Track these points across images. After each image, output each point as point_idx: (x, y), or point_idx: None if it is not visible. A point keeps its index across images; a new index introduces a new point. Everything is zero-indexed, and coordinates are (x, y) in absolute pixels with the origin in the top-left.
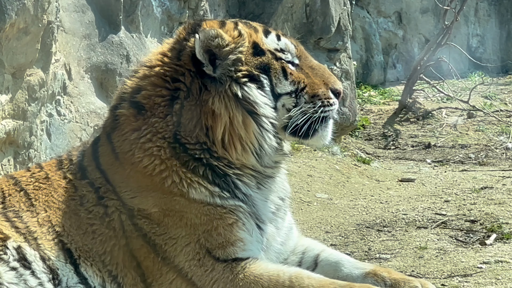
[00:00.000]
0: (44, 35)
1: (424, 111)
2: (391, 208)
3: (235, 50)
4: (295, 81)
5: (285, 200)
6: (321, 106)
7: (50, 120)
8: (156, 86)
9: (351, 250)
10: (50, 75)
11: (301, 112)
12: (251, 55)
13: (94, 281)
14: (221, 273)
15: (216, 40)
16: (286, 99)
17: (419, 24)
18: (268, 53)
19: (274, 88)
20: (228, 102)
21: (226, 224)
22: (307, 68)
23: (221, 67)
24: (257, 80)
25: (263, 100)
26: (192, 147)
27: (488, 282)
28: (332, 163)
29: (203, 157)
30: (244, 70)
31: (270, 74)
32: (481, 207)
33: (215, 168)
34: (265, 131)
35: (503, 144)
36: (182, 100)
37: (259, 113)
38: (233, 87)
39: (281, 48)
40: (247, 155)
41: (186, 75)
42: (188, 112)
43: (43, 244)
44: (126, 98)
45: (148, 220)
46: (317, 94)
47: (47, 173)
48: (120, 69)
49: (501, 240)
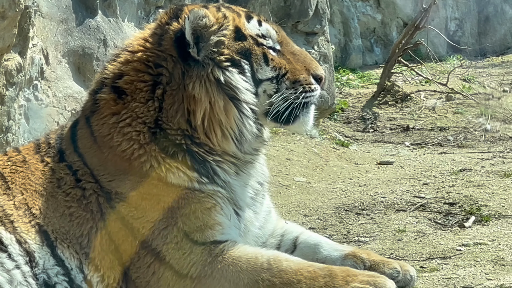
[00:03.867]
0: (21, 20)
1: (402, 94)
2: (369, 191)
3: (219, 31)
4: (276, 67)
5: (264, 185)
6: (302, 92)
7: (28, 104)
8: (139, 71)
9: (330, 233)
10: (28, 59)
11: (282, 98)
12: (233, 39)
13: (71, 263)
14: (199, 256)
15: (204, 20)
16: (267, 85)
17: (397, 8)
18: (249, 39)
19: (255, 74)
20: (209, 87)
21: (204, 208)
22: (288, 54)
23: (205, 49)
24: (239, 65)
25: (245, 86)
26: (173, 132)
27: (467, 264)
28: (311, 147)
29: (184, 143)
30: (227, 54)
31: (251, 59)
32: (460, 189)
33: (195, 155)
34: (245, 117)
35: (482, 126)
36: (164, 86)
37: (240, 99)
38: (215, 72)
39: (263, 33)
40: (227, 141)
41: (169, 60)
42: (170, 97)
43: (20, 227)
44: (107, 83)
45: (125, 203)
46: (299, 80)
47: (25, 156)
48: (98, 54)
49: (480, 223)
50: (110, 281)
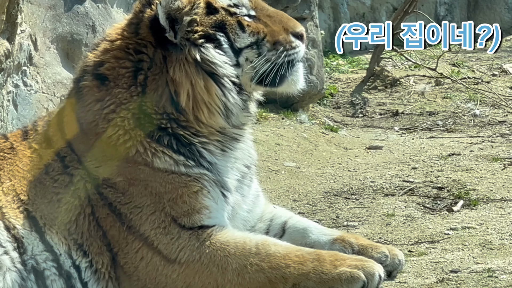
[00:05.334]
0: (9, 6)
1: (392, 79)
2: (358, 176)
3: (191, 11)
4: (253, 31)
5: (251, 167)
6: (283, 51)
7: (16, 90)
8: (119, 59)
9: (319, 218)
10: (16, 45)
11: (264, 60)
12: (205, 15)
13: (60, 249)
14: (187, 240)
15: (176, 3)
16: (248, 52)
17: None
18: (221, 10)
19: (233, 44)
20: (188, 69)
21: (191, 192)
22: (264, 17)
23: (180, 31)
24: (214, 39)
25: (222, 59)
26: (158, 117)
27: (455, 248)
28: (300, 132)
29: (169, 127)
30: (200, 31)
31: (226, 30)
32: (448, 174)
33: (180, 138)
34: (227, 90)
35: (471, 111)
36: (146, 71)
37: (219, 74)
38: (191, 52)
39: (234, 3)
40: (215, 117)
41: (148, 46)
42: (153, 82)
43: (8, 213)
44: (89, 70)
45: (113, 189)
46: (278, 40)
47: (12, 143)
48: (86, 40)
49: (468, 207)
50: (99, 266)
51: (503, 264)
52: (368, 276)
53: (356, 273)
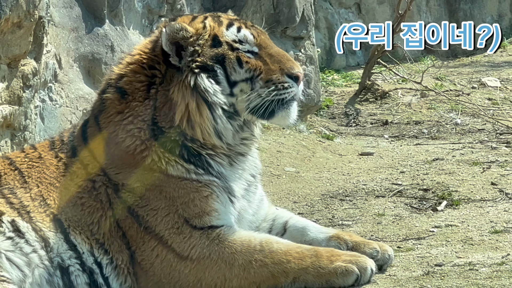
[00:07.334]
0: (36, 28)
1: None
2: (352, 180)
3: (195, 42)
4: (251, 68)
5: (256, 177)
6: (274, 89)
7: (43, 105)
8: (136, 72)
9: (316, 218)
10: (42, 64)
11: (256, 95)
12: (209, 47)
13: (83, 248)
14: (198, 239)
15: (181, 33)
16: (243, 85)
17: (376, 14)
18: (225, 45)
19: (229, 77)
20: (185, 91)
21: (201, 196)
22: (266, 56)
23: (185, 57)
24: (210, 70)
25: (214, 88)
26: (167, 130)
27: (439, 244)
28: (299, 140)
29: (179, 139)
30: (199, 62)
31: (224, 64)
32: (433, 177)
33: (190, 149)
34: (217, 115)
35: (453, 120)
36: (158, 86)
37: (209, 100)
38: (188, 77)
39: (239, 39)
40: (209, 137)
41: (161, 63)
42: (163, 97)
43: (35, 217)
44: (112, 84)
45: (131, 193)
46: (271, 79)
47: (40, 153)
48: (106, 59)
49: (451, 207)
50: (119, 262)
51: (482, 258)
52: (361, 270)
53: (351, 267)
